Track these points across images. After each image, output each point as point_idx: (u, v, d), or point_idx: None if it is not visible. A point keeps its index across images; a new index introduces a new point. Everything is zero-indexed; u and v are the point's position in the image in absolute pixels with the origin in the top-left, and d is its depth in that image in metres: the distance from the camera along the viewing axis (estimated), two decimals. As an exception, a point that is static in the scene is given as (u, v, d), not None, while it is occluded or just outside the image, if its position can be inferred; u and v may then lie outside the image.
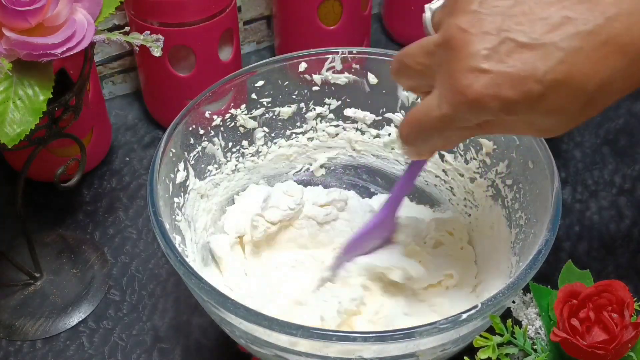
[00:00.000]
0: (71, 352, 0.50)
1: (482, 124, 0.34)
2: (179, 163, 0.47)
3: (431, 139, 0.35)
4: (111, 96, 0.69)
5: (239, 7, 0.69)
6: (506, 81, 0.31)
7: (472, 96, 0.31)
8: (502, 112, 0.32)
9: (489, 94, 0.31)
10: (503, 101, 0.31)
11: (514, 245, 0.45)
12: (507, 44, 0.31)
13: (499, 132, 0.35)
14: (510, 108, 0.31)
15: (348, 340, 0.36)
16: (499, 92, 0.31)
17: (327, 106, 0.54)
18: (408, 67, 0.36)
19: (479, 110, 0.32)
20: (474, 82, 0.31)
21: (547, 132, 0.34)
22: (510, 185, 0.48)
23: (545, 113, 0.32)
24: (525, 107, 0.31)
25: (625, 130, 0.66)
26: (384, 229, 0.48)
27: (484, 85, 0.31)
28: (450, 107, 0.33)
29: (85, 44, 0.42)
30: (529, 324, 0.42)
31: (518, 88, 0.31)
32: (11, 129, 0.40)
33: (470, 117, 0.33)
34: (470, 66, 0.31)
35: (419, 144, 0.36)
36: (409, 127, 0.36)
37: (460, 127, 0.34)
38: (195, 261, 0.47)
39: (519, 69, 0.30)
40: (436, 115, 0.34)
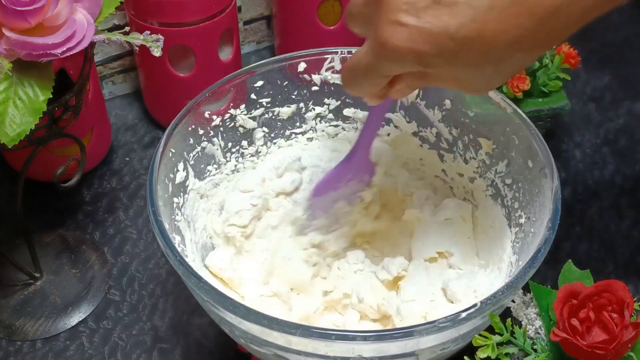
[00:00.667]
0: (71, 352, 0.50)
1: (410, 74, 0.36)
2: (179, 163, 0.47)
3: (363, 83, 0.38)
4: (111, 96, 0.69)
5: (239, 7, 0.69)
6: (421, 36, 0.32)
7: (390, 48, 0.33)
8: (420, 64, 0.33)
9: (406, 47, 0.33)
10: (419, 55, 0.33)
11: (514, 244, 0.45)
12: (424, 0, 0.32)
13: (429, 84, 0.37)
14: (427, 61, 0.33)
15: (348, 340, 0.36)
16: (415, 46, 0.33)
17: (327, 106, 0.54)
18: (353, 15, 0.38)
19: (398, 62, 0.34)
20: (393, 34, 0.33)
21: (472, 89, 0.36)
22: (510, 185, 0.48)
23: (461, 68, 0.33)
24: (442, 61, 0.33)
25: (625, 130, 0.66)
26: (358, 169, 0.48)
27: (402, 38, 0.33)
28: (373, 56, 0.35)
29: (85, 44, 0.42)
30: (529, 323, 0.42)
31: (432, 43, 0.32)
32: (11, 129, 0.40)
33: (392, 66, 0.35)
34: (391, 19, 0.33)
35: (355, 88, 0.39)
36: (345, 71, 0.39)
37: (387, 75, 0.36)
38: (195, 261, 0.47)
39: (433, 25, 0.32)
40: (364, 62, 0.36)
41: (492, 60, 0.33)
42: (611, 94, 0.70)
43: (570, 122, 0.67)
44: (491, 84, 0.35)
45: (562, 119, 0.67)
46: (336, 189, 0.49)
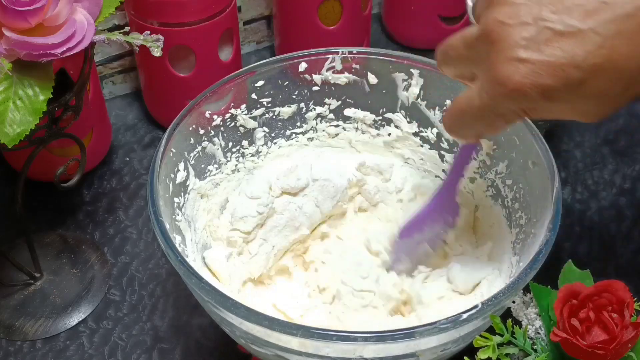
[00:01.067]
0: (71, 352, 0.50)
1: (525, 109, 0.34)
2: (179, 163, 0.47)
3: (473, 127, 0.37)
4: (111, 96, 0.69)
5: (239, 7, 0.69)
6: (545, 69, 0.31)
7: (512, 86, 0.32)
8: (542, 99, 0.32)
9: (529, 82, 0.32)
10: (543, 89, 0.32)
11: (514, 245, 0.45)
12: (545, 33, 0.31)
13: (542, 116, 0.35)
14: (550, 95, 0.32)
15: (348, 340, 0.36)
16: (539, 80, 0.32)
17: (327, 106, 0.54)
18: (451, 58, 0.37)
19: (519, 99, 0.33)
20: (514, 72, 0.32)
21: (591, 115, 0.34)
22: (510, 185, 0.48)
23: (586, 97, 0.32)
24: (565, 93, 0.32)
25: (625, 130, 0.66)
26: (445, 211, 0.47)
27: (524, 74, 0.32)
28: (490, 97, 0.34)
29: (85, 44, 0.42)
30: (529, 324, 0.42)
31: (557, 75, 0.31)
32: (11, 129, 0.40)
33: (510, 105, 0.34)
34: (510, 56, 0.32)
35: (462, 132, 0.38)
36: (451, 116, 0.38)
37: (502, 114, 0.35)
38: (196, 261, 0.47)
39: (558, 57, 0.31)
40: (477, 105, 0.35)
41: (621, 84, 0.32)
42: (611, 94, 0.70)
43: (570, 122, 0.67)
44: (613, 108, 0.34)
45: (562, 119, 0.67)
46: (421, 231, 0.48)
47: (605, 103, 0.33)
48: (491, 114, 0.35)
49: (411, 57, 0.51)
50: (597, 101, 0.33)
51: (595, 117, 0.34)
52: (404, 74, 0.51)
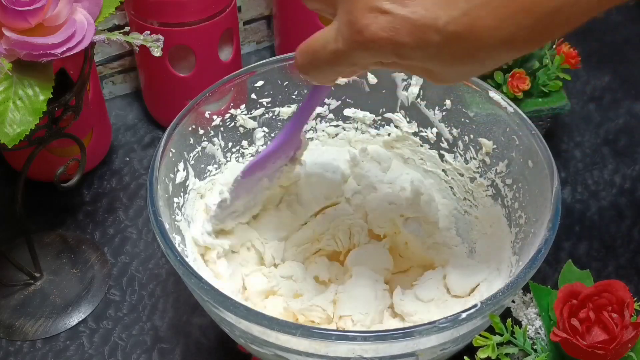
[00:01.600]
0: (71, 352, 0.50)
1: (377, 61, 0.33)
2: (179, 163, 0.47)
3: (325, 71, 0.35)
4: (111, 96, 0.69)
5: (239, 7, 0.69)
6: (405, 26, 0.30)
7: (368, 37, 0.31)
8: (395, 56, 0.31)
9: (386, 36, 0.30)
10: (398, 46, 0.30)
11: (514, 244, 0.45)
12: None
13: (390, 68, 0.34)
14: (404, 54, 0.31)
15: (348, 340, 0.36)
16: (396, 36, 0.30)
17: (327, 106, 0.54)
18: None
19: (374, 52, 0.31)
20: (373, 22, 0.30)
21: (442, 80, 0.33)
22: (510, 185, 0.48)
23: (439, 62, 0.31)
24: (422, 55, 0.31)
25: (625, 130, 0.66)
26: (289, 147, 0.47)
27: (382, 27, 0.30)
28: (345, 43, 0.32)
29: (85, 44, 0.42)
30: (529, 324, 0.42)
31: (416, 35, 0.30)
32: (11, 129, 0.40)
33: (364, 56, 0.32)
34: (372, 5, 0.30)
35: (314, 74, 0.36)
36: (304, 55, 0.35)
37: (355, 63, 0.33)
38: (196, 260, 0.47)
39: (421, 15, 0.30)
40: (331, 49, 0.33)
41: (478, 57, 0.30)
42: (611, 94, 0.70)
43: (570, 122, 0.67)
44: (464, 78, 0.33)
45: (562, 119, 0.67)
46: (263, 169, 0.47)
47: (458, 72, 0.32)
48: (344, 61, 0.33)
49: None
50: (449, 69, 0.31)
51: (447, 82, 0.33)
52: (403, 74, 0.51)
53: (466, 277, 0.46)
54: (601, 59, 0.73)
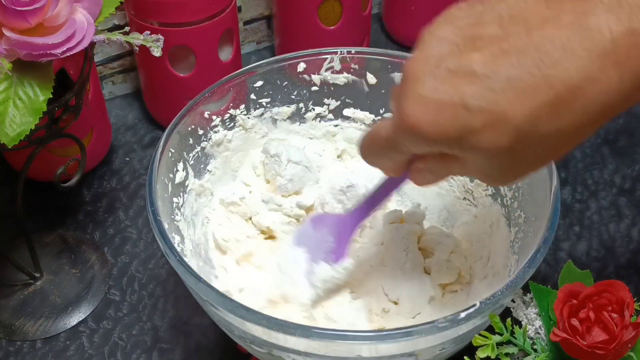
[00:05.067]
0: (71, 352, 0.50)
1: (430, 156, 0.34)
2: (178, 163, 0.47)
3: (380, 156, 0.37)
4: (111, 96, 0.69)
5: (239, 7, 0.69)
6: (438, 109, 0.31)
7: (410, 122, 0.32)
8: (434, 143, 0.32)
9: (424, 120, 0.31)
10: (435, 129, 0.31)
11: (513, 244, 0.45)
12: (443, 71, 0.31)
13: (447, 170, 0.35)
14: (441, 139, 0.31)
15: (347, 339, 0.36)
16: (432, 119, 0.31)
17: (326, 106, 0.54)
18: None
19: (416, 138, 0.32)
20: (415, 108, 0.31)
21: (492, 178, 0.34)
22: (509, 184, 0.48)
23: (478, 150, 0.31)
24: (457, 140, 0.31)
25: (625, 130, 0.66)
26: (346, 229, 0.47)
27: (422, 112, 0.31)
28: (393, 129, 0.34)
29: (85, 44, 0.42)
30: (528, 323, 0.42)
31: (447, 115, 0.31)
32: (11, 129, 0.40)
33: (412, 144, 0.33)
34: (415, 93, 0.31)
35: (371, 159, 0.38)
36: (364, 140, 0.37)
37: (401, 151, 0.34)
38: (198, 257, 0.47)
39: (450, 95, 0.30)
40: (383, 135, 0.35)
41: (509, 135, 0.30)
42: (611, 94, 0.70)
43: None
44: (509, 174, 0.33)
45: (562, 119, 0.67)
46: (321, 231, 0.47)
47: (499, 161, 0.32)
48: (393, 148, 0.34)
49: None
50: (488, 156, 0.31)
51: (497, 180, 0.34)
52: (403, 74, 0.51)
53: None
54: (601, 59, 0.73)
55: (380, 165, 0.38)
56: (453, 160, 0.33)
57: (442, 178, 0.37)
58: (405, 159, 0.36)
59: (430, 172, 0.36)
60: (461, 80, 0.30)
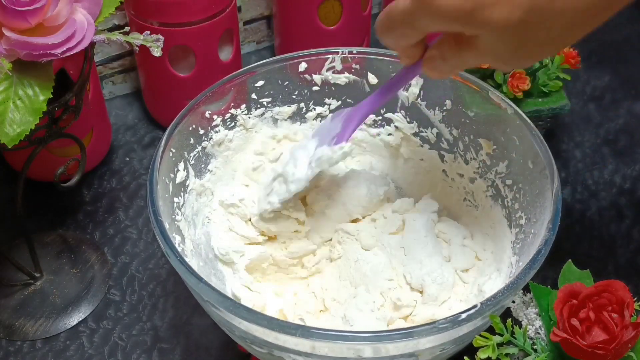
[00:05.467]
0: (71, 352, 0.50)
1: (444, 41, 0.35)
2: (179, 163, 0.47)
3: (395, 32, 0.37)
4: (111, 96, 0.69)
5: (239, 7, 0.69)
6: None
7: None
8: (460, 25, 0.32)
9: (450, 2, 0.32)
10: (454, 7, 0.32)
11: (514, 245, 0.45)
12: None
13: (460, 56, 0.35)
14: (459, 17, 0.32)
15: (347, 340, 0.36)
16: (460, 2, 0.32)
17: (327, 106, 0.54)
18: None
19: (437, 16, 0.33)
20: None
21: (503, 59, 0.34)
22: (510, 186, 0.48)
23: (491, 24, 0.32)
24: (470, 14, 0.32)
25: (625, 130, 0.66)
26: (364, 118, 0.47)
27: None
28: (412, 2, 0.34)
29: (85, 44, 0.42)
30: (529, 324, 0.42)
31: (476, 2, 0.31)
32: (11, 129, 0.40)
33: (429, 19, 0.34)
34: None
35: (386, 36, 0.38)
36: (382, 15, 0.37)
37: (416, 26, 0.35)
38: (197, 256, 0.47)
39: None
40: (400, 8, 0.35)
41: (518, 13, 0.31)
42: (611, 94, 0.70)
43: (570, 122, 0.67)
44: (522, 54, 0.34)
45: (562, 119, 0.67)
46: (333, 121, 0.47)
47: (510, 38, 0.32)
48: (410, 22, 0.35)
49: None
50: (502, 33, 0.32)
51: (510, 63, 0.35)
52: (403, 74, 0.51)
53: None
54: (601, 59, 0.73)
55: (394, 43, 0.38)
56: (466, 46, 0.34)
57: (455, 69, 0.37)
58: (419, 38, 0.36)
59: (444, 59, 0.36)
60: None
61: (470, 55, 0.35)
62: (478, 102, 0.49)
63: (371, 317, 0.44)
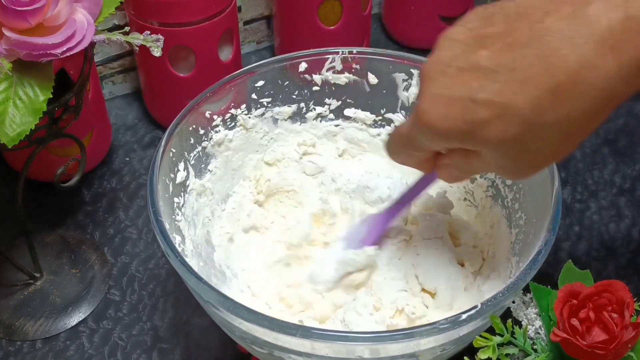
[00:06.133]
0: (71, 352, 0.50)
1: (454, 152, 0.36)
2: (179, 163, 0.47)
3: (401, 152, 0.39)
4: (111, 96, 0.69)
5: (239, 7, 0.69)
6: (448, 103, 0.33)
7: (425, 120, 0.34)
8: (459, 143, 0.34)
9: (436, 118, 0.33)
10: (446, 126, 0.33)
11: (514, 245, 0.45)
12: (452, 71, 0.33)
13: (471, 167, 0.36)
14: (452, 135, 0.33)
15: (348, 340, 0.36)
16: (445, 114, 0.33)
17: (327, 106, 0.54)
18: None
19: (435, 137, 0.34)
20: (430, 107, 0.33)
21: (508, 170, 0.35)
22: (510, 186, 0.48)
23: (488, 141, 0.33)
24: (469, 135, 0.33)
25: (625, 130, 0.66)
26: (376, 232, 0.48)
27: (437, 111, 0.33)
28: (410, 126, 0.36)
29: (85, 44, 0.42)
30: (529, 324, 0.42)
31: (457, 111, 0.32)
32: (11, 129, 0.40)
33: (429, 140, 0.35)
34: (431, 92, 0.34)
35: (394, 155, 0.40)
36: (389, 138, 0.40)
37: (420, 148, 0.37)
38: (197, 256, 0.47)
39: (460, 91, 0.32)
40: (403, 132, 0.37)
41: (517, 126, 0.32)
42: (611, 94, 0.70)
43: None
44: (524, 165, 0.34)
45: (562, 119, 0.67)
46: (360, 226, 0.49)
47: (509, 152, 0.33)
48: (412, 143, 0.37)
49: (411, 57, 0.51)
50: (501, 148, 0.33)
51: (516, 174, 0.35)
52: (404, 74, 0.51)
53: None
54: (601, 59, 0.73)
55: (403, 161, 0.40)
56: (474, 156, 0.35)
57: (467, 174, 0.38)
58: (426, 156, 0.38)
59: (455, 167, 0.37)
60: (470, 76, 0.32)
61: (478, 164, 0.36)
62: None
63: (370, 320, 0.44)
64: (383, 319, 0.44)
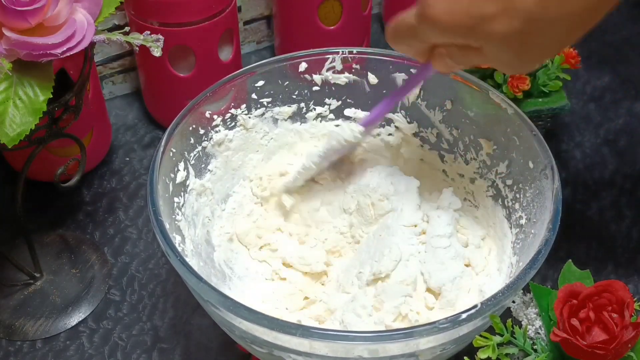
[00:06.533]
0: (71, 352, 0.50)
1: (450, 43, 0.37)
2: (179, 163, 0.47)
3: (402, 43, 0.40)
4: (111, 96, 0.69)
5: (239, 7, 0.69)
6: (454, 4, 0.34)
7: (429, 15, 0.35)
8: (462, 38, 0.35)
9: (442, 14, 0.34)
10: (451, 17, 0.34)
11: (514, 245, 0.45)
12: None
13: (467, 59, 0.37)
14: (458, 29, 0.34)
15: (348, 340, 0.36)
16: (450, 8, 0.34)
17: (328, 106, 0.54)
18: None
19: (438, 31, 0.35)
20: (437, 2, 0.34)
21: (509, 64, 0.36)
22: (511, 186, 0.48)
23: (492, 36, 0.33)
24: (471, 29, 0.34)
25: (625, 130, 0.66)
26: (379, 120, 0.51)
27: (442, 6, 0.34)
28: (415, 18, 0.37)
29: (85, 44, 0.42)
30: (529, 324, 0.42)
31: (462, 3, 0.33)
32: (11, 129, 0.40)
33: (432, 33, 0.36)
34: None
35: (395, 45, 0.40)
36: (390, 27, 0.40)
37: (421, 39, 0.37)
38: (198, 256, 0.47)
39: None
40: (406, 22, 0.38)
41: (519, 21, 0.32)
42: (611, 94, 0.70)
43: (570, 122, 0.67)
44: (526, 59, 0.35)
45: (562, 119, 0.67)
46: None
47: (512, 46, 0.34)
48: (415, 35, 0.37)
49: (411, 57, 0.51)
50: (503, 43, 0.34)
51: (511, 66, 0.36)
52: (404, 74, 0.51)
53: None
54: (601, 59, 0.73)
55: (402, 50, 0.40)
56: (473, 51, 0.36)
57: (462, 66, 0.39)
58: (425, 47, 0.38)
59: (451, 57, 0.38)
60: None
61: (477, 59, 0.37)
62: (478, 102, 0.49)
63: (369, 321, 0.44)
64: (382, 320, 0.44)
